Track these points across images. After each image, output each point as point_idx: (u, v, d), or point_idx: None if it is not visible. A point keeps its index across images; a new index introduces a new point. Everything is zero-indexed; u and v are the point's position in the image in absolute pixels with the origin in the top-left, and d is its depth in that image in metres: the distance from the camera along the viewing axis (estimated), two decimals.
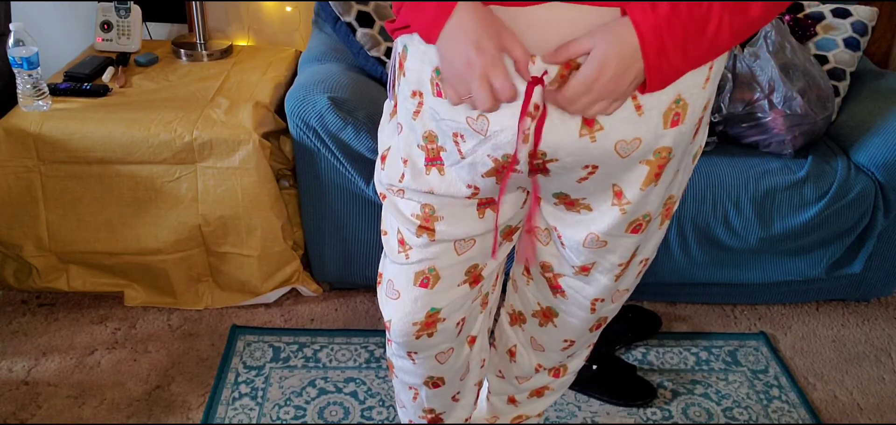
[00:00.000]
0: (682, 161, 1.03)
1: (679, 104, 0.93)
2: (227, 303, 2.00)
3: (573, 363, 1.43)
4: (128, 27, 2.23)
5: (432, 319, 1.18)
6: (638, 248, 1.12)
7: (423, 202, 1.09)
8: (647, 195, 1.01)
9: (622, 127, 0.93)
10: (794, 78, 1.91)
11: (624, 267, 1.14)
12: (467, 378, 1.38)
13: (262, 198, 1.87)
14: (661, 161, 0.97)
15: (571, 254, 1.14)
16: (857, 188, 1.87)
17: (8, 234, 1.89)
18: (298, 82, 1.86)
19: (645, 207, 1.04)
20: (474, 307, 1.26)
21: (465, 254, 1.14)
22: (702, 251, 1.93)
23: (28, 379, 1.76)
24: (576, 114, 0.91)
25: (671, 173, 1.01)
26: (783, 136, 1.90)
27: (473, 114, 0.94)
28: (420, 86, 0.99)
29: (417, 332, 1.20)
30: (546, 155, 0.96)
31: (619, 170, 0.98)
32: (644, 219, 1.06)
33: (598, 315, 1.25)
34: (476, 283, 1.20)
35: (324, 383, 1.78)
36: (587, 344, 1.39)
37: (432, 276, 1.14)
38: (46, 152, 1.82)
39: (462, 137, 0.98)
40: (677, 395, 1.79)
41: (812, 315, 2.09)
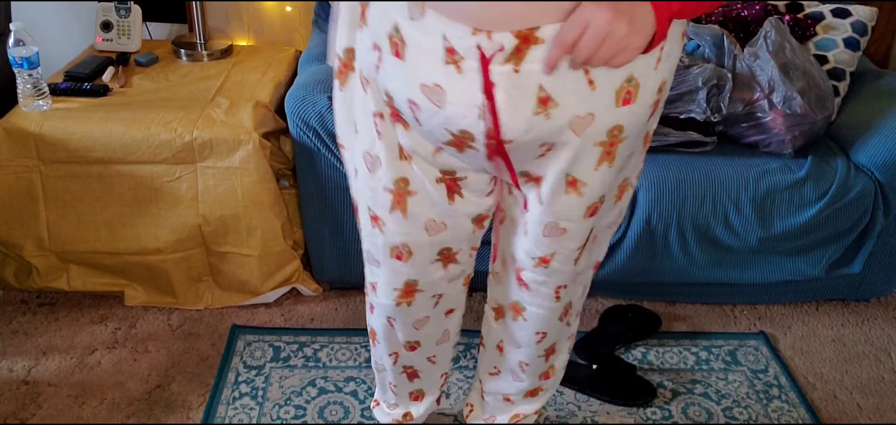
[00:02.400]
0: (635, 143, 1.05)
1: (631, 83, 0.95)
2: (227, 302, 2.00)
3: (558, 360, 1.44)
4: (128, 27, 2.23)
5: (411, 288, 1.24)
6: (595, 229, 1.17)
7: (397, 176, 1.10)
8: (602, 176, 1.03)
9: (576, 101, 0.94)
10: (794, 78, 1.91)
11: (581, 250, 1.16)
12: (445, 344, 1.44)
13: (263, 197, 1.87)
14: (614, 140, 0.99)
15: (532, 245, 1.16)
16: (856, 188, 1.87)
17: (8, 234, 1.89)
18: (298, 82, 1.87)
19: (600, 190, 1.06)
20: (453, 286, 1.29)
21: (437, 237, 1.17)
22: (702, 251, 1.93)
23: (28, 378, 1.76)
24: (597, 64, 0.90)
25: (625, 154, 1.04)
26: (783, 136, 1.90)
27: (429, 81, 0.95)
28: (379, 40, 0.99)
29: (398, 299, 1.26)
30: (503, 135, 0.98)
31: (573, 154, 1.00)
32: (600, 200, 1.09)
33: (563, 302, 1.27)
34: (449, 263, 1.23)
35: (324, 383, 1.79)
36: (565, 337, 1.40)
37: (405, 251, 1.19)
38: (47, 152, 1.82)
39: (417, 106, 0.99)
40: (677, 395, 1.79)
41: (812, 315, 2.09)
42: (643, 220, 1.87)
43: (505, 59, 0.90)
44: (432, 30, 0.92)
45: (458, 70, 0.93)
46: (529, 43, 0.89)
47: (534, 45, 0.90)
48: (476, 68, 0.91)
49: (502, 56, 0.90)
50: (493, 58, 0.90)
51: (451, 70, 0.93)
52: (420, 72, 0.95)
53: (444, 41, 0.92)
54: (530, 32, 0.89)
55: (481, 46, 0.90)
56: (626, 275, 1.96)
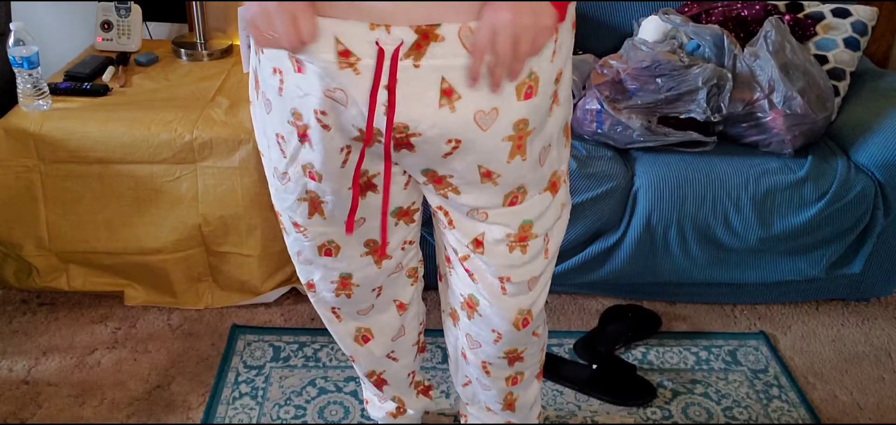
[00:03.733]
0: (549, 136, 1.06)
1: (531, 77, 0.97)
2: (227, 302, 2.00)
3: (526, 371, 1.38)
4: (128, 27, 2.23)
5: (346, 281, 1.26)
6: (532, 223, 1.13)
7: (309, 188, 1.11)
8: (516, 168, 1.04)
9: (478, 97, 0.96)
10: (794, 78, 1.91)
11: (517, 240, 1.14)
12: (402, 339, 1.45)
13: (263, 197, 1.87)
14: (523, 134, 1.01)
15: (461, 234, 1.16)
16: (856, 188, 1.87)
17: (8, 234, 1.89)
18: None
19: (517, 180, 1.07)
20: (394, 279, 1.32)
21: (359, 230, 1.18)
22: (702, 251, 1.93)
23: (28, 378, 1.76)
24: (515, 70, 0.95)
25: (537, 147, 1.05)
26: (783, 136, 1.90)
27: (332, 85, 0.95)
28: (279, 62, 1.00)
29: (336, 291, 1.28)
30: (408, 128, 0.97)
31: (483, 149, 1.01)
32: (519, 191, 1.08)
33: (517, 303, 1.22)
34: (382, 257, 1.24)
35: (324, 382, 1.78)
36: (530, 347, 1.33)
37: (333, 247, 1.21)
38: (47, 152, 1.82)
39: (323, 113, 0.99)
40: (677, 395, 1.79)
41: (812, 315, 2.09)
42: (643, 220, 1.87)
43: (404, 54, 0.92)
44: (325, 35, 0.92)
45: (355, 72, 0.94)
46: (429, 39, 0.91)
47: (433, 41, 0.91)
48: (372, 66, 0.93)
49: (402, 51, 0.91)
50: (395, 52, 0.91)
51: (350, 73, 0.94)
52: (322, 80, 0.95)
53: (338, 45, 0.92)
54: (430, 29, 0.90)
55: (380, 41, 0.91)
56: (626, 275, 1.96)
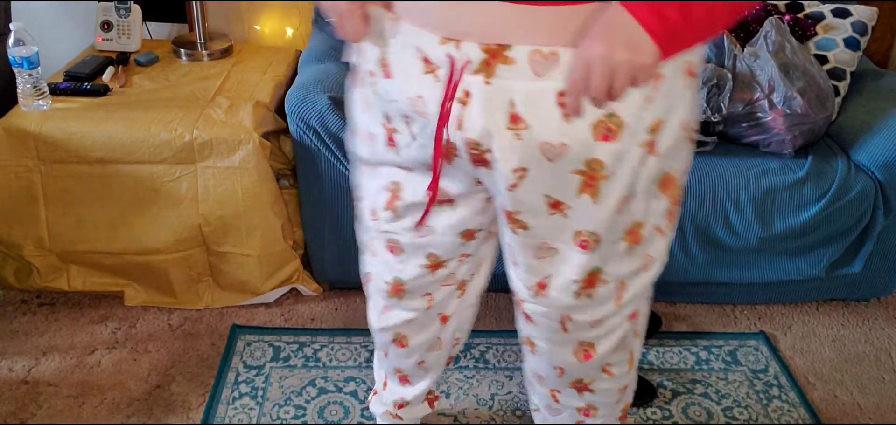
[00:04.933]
0: (632, 185, 0.99)
1: (611, 118, 0.93)
2: (227, 302, 2.00)
3: (597, 400, 1.33)
4: (128, 27, 2.23)
5: (399, 287, 1.27)
6: (601, 270, 1.08)
7: (393, 179, 1.13)
8: (585, 206, 0.99)
9: (547, 129, 0.93)
10: (794, 77, 1.91)
11: (584, 285, 1.09)
12: (437, 353, 1.43)
13: (263, 197, 1.87)
14: (595, 174, 0.96)
15: (525, 272, 1.13)
16: (857, 188, 1.87)
17: (8, 234, 1.89)
18: (298, 82, 1.87)
19: (588, 221, 1.01)
20: (445, 291, 1.30)
21: (425, 240, 1.19)
22: (702, 251, 1.93)
23: (28, 378, 1.76)
24: (601, 102, 0.89)
25: (617, 194, 0.98)
26: (783, 136, 1.90)
27: (413, 94, 0.97)
28: (373, 65, 1.02)
29: (390, 291, 1.29)
30: (480, 145, 0.97)
31: (550, 177, 0.98)
32: (590, 236, 1.03)
33: (577, 336, 1.18)
34: (436, 269, 1.24)
35: (324, 383, 1.79)
36: (591, 379, 1.28)
37: (396, 247, 1.22)
38: (46, 152, 1.82)
39: (409, 119, 1.01)
40: (677, 395, 1.79)
41: (812, 315, 2.09)
42: None
43: (474, 70, 0.91)
44: (408, 44, 0.95)
45: (435, 79, 0.94)
46: (497, 59, 0.89)
47: (502, 63, 0.90)
48: (445, 78, 0.93)
49: (471, 67, 0.91)
50: (464, 68, 0.91)
51: (430, 79, 0.95)
52: (407, 86, 0.97)
53: (419, 52, 0.94)
54: (499, 49, 0.89)
55: (451, 55, 0.91)
56: None
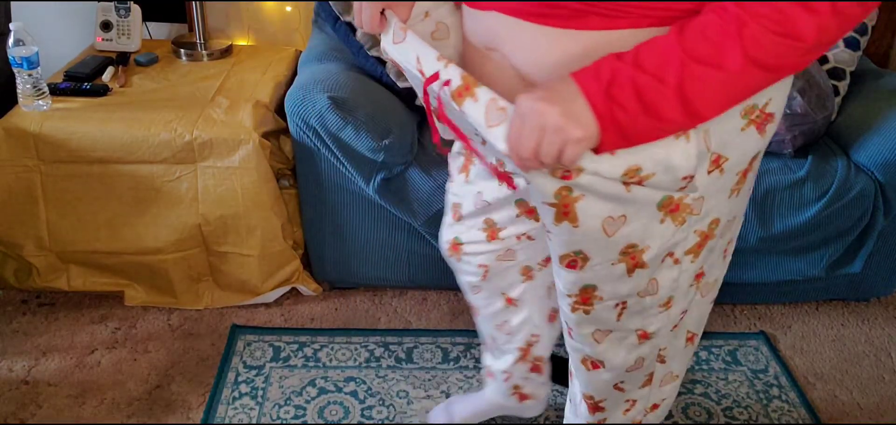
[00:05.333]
0: (613, 209, 0.96)
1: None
2: (227, 302, 2.00)
3: (608, 418, 1.34)
4: (128, 27, 2.23)
5: (457, 245, 1.39)
6: (595, 287, 1.07)
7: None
8: (566, 231, 0.99)
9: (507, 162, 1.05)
10: (794, 77, 1.91)
11: (580, 301, 1.10)
12: (510, 340, 1.50)
13: (262, 197, 1.87)
14: (566, 200, 0.95)
15: (560, 283, 1.13)
16: (856, 188, 1.87)
17: (8, 234, 1.89)
18: (298, 82, 1.86)
19: (573, 244, 1.01)
20: (504, 267, 1.37)
21: (481, 207, 1.30)
22: None
23: (28, 378, 1.76)
24: (537, 164, 0.90)
25: (597, 214, 0.97)
26: (783, 136, 1.90)
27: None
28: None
29: (448, 250, 1.41)
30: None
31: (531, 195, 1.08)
32: (577, 255, 1.03)
33: (582, 347, 1.20)
34: (493, 238, 1.33)
35: (324, 383, 1.79)
36: (602, 397, 1.29)
37: (457, 210, 1.35)
38: (46, 152, 1.82)
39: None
40: (677, 395, 1.79)
41: (812, 314, 2.09)
42: None
43: (450, 92, 0.95)
44: (410, 50, 1.04)
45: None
46: (468, 92, 0.94)
47: (470, 97, 0.94)
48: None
49: (448, 90, 0.96)
50: (446, 84, 0.96)
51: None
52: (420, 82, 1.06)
53: (418, 63, 1.02)
54: (471, 83, 0.94)
55: (439, 72, 0.97)
56: None
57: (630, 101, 0.83)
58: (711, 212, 1.02)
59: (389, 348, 1.89)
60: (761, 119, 0.97)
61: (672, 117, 0.85)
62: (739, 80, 0.83)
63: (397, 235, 1.97)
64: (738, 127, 0.95)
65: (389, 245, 1.98)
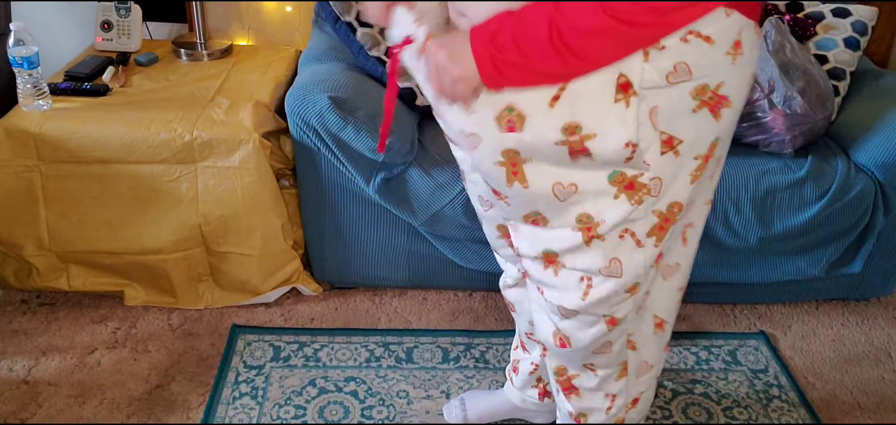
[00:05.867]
0: (563, 175, 1.05)
1: (512, 112, 1.02)
2: (227, 302, 2.00)
3: (583, 405, 1.36)
4: (128, 27, 2.23)
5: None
6: (557, 254, 1.14)
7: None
8: (519, 192, 1.09)
9: (457, 116, 1.08)
10: (794, 77, 1.91)
11: (544, 263, 1.16)
12: (530, 332, 1.52)
13: (263, 197, 1.87)
14: (514, 160, 1.06)
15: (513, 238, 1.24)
16: (856, 188, 1.87)
17: (8, 234, 1.89)
18: (298, 82, 1.87)
19: (529, 204, 1.11)
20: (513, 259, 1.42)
21: (490, 212, 1.35)
22: (702, 251, 1.91)
23: (28, 378, 1.76)
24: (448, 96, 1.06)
25: (548, 179, 1.06)
26: (783, 136, 1.90)
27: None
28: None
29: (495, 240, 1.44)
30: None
31: (481, 168, 1.12)
32: (537, 215, 1.12)
33: (552, 321, 1.23)
34: (505, 237, 1.36)
35: (324, 382, 1.79)
36: (575, 372, 1.32)
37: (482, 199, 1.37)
38: (47, 152, 1.82)
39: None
40: (677, 395, 1.79)
41: (812, 314, 2.09)
42: None
43: (415, 48, 1.09)
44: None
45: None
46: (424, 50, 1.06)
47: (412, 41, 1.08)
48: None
49: (413, 45, 1.08)
50: (406, 42, 1.09)
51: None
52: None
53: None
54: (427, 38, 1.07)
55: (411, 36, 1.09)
56: None
57: (507, 44, 0.97)
58: (671, 194, 1.06)
59: (389, 348, 1.89)
60: (714, 101, 1.00)
61: (545, 63, 0.97)
62: (604, 34, 0.93)
63: (397, 235, 1.97)
64: (688, 107, 0.99)
65: (389, 245, 1.98)
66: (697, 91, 0.98)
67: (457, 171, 1.75)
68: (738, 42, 0.98)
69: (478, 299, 2.08)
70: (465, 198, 1.83)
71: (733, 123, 1.07)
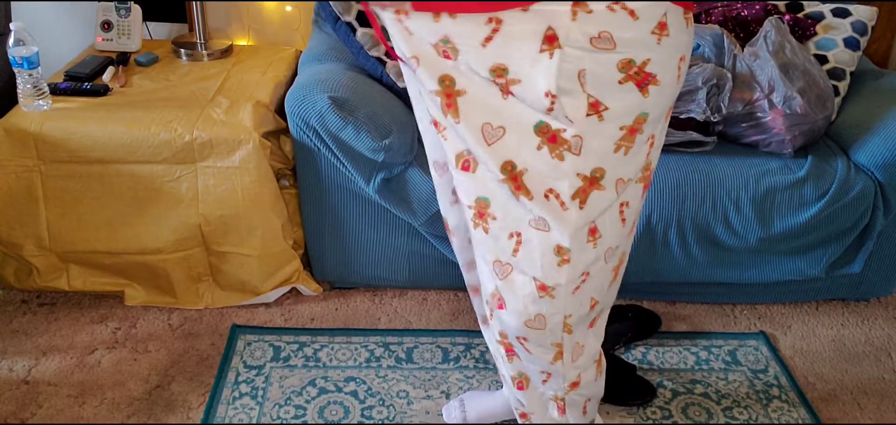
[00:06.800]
0: (492, 115, 1.09)
1: (447, 44, 1.06)
2: (227, 302, 2.00)
3: (524, 367, 1.37)
4: (128, 27, 2.23)
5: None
6: (488, 203, 1.19)
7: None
8: (451, 122, 1.13)
9: (403, 43, 1.11)
10: (794, 77, 1.91)
11: (477, 215, 1.21)
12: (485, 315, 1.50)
13: (263, 197, 1.87)
14: (449, 91, 1.10)
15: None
16: (856, 188, 1.87)
17: (8, 234, 1.89)
18: (298, 82, 1.87)
19: (462, 140, 1.15)
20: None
21: (444, 178, 1.41)
22: (702, 251, 1.93)
23: (28, 378, 1.76)
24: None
25: (477, 117, 1.11)
26: (783, 136, 1.90)
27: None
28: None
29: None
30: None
31: (429, 94, 1.15)
32: (469, 154, 1.16)
33: (485, 280, 1.28)
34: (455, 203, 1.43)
35: (324, 382, 1.79)
36: (511, 341, 1.33)
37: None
38: (47, 152, 1.82)
39: None
40: (677, 395, 1.79)
41: (812, 314, 2.09)
42: (643, 220, 1.87)
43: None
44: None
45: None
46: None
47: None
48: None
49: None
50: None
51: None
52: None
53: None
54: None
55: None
56: (626, 274, 1.95)
57: None
58: (593, 158, 1.09)
59: (389, 348, 1.89)
60: (640, 77, 1.05)
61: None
62: None
63: (397, 235, 1.97)
64: (614, 78, 1.04)
65: (389, 245, 1.98)
66: (623, 64, 1.03)
67: None
68: (663, 23, 1.03)
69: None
70: None
71: (664, 104, 1.11)
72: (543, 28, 1.01)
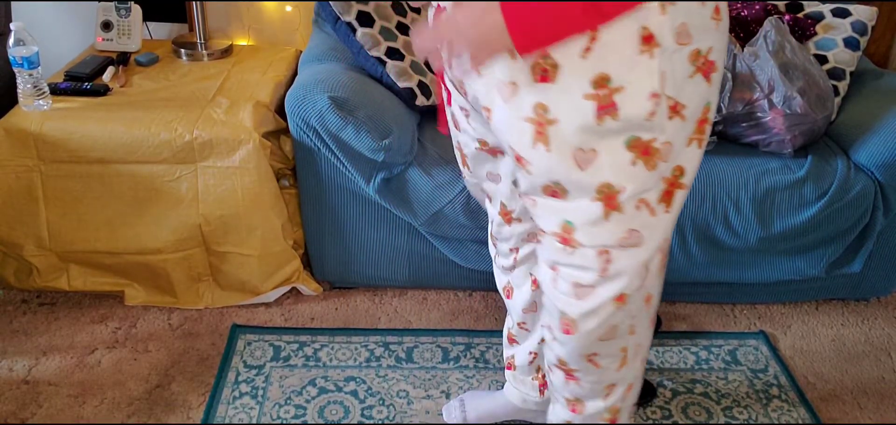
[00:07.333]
0: (587, 141, 1.04)
1: (547, 60, 1.00)
2: (227, 302, 2.00)
3: (582, 392, 1.35)
4: (128, 27, 2.23)
5: (492, 237, 1.51)
6: (574, 228, 1.13)
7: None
8: (541, 156, 1.07)
9: (500, 66, 1.05)
10: (794, 77, 1.91)
11: (560, 239, 1.16)
12: (533, 314, 1.52)
13: (263, 197, 1.87)
14: (541, 119, 1.04)
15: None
16: (856, 188, 1.87)
17: (8, 234, 1.89)
18: (299, 82, 1.87)
19: (548, 173, 1.09)
20: (528, 248, 1.46)
21: (494, 186, 1.39)
22: (702, 250, 1.93)
23: (28, 378, 1.76)
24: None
25: (570, 143, 1.05)
26: (783, 136, 1.90)
27: None
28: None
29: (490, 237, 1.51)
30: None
31: (506, 123, 1.10)
32: (556, 186, 1.10)
33: (562, 305, 1.23)
34: (510, 220, 1.42)
35: (324, 382, 1.79)
36: (576, 366, 1.30)
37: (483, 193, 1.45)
38: (47, 152, 1.82)
39: None
40: (677, 395, 1.79)
41: (812, 314, 2.09)
42: None
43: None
44: None
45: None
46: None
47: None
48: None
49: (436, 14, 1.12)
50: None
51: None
52: None
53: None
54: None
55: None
56: None
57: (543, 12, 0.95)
58: (676, 159, 1.07)
59: (389, 348, 1.89)
60: (706, 67, 1.03)
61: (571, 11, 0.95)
62: None
63: (397, 235, 1.97)
64: (687, 73, 1.01)
65: (389, 245, 1.99)
66: (693, 56, 1.01)
67: (457, 171, 1.75)
68: (718, 7, 1.02)
69: (478, 299, 2.08)
70: (465, 197, 1.83)
71: (719, 88, 1.10)
72: (638, 29, 0.97)
